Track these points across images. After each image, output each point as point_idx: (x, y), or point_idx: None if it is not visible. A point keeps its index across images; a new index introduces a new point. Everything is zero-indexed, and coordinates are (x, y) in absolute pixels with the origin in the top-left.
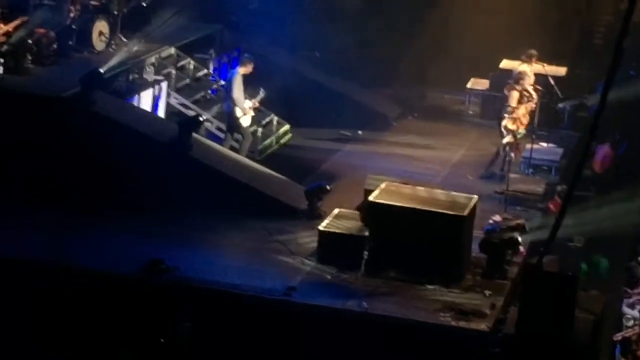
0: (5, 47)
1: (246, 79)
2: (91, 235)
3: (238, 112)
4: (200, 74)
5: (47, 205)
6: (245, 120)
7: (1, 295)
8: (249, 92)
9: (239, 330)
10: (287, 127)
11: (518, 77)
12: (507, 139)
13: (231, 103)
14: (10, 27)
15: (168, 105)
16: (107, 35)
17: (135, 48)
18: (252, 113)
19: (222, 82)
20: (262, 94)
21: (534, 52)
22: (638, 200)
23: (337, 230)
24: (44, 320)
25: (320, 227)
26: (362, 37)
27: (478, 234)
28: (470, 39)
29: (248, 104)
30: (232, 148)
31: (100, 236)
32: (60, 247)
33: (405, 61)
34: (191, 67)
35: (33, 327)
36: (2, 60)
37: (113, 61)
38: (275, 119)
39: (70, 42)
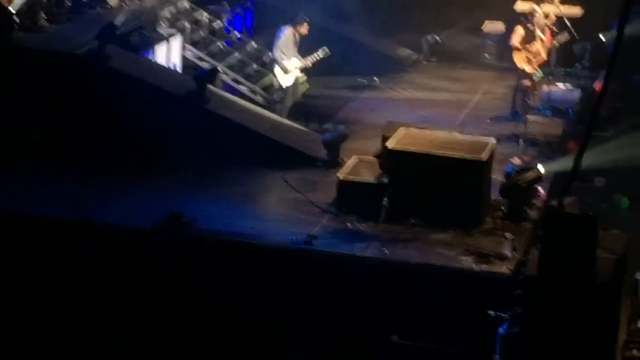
0: (19, 6)
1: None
2: (110, 192)
3: (277, 70)
4: (215, 26)
5: (64, 163)
6: (285, 80)
7: (24, 254)
8: (306, 51)
9: (260, 280)
10: (304, 77)
11: (530, 17)
12: (524, 81)
13: (272, 61)
14: None
15: (183, 58)
16: None
17: (148, 2)
18: (297, 73)
19: (237, 34)
20: (320, 53)
21: None
22: None
23: (356, 178)
24: (66, 278)
25: (339, 175)
26: None
27: (497, 177)
28: None
29: (295, 63)
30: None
31: (120, 192)
32: (80, 204)
33: (419, 5)
34: (205, 19)
35: (55, 285)
36: (17, 20)
37: (127, 16)
38: None
39: None
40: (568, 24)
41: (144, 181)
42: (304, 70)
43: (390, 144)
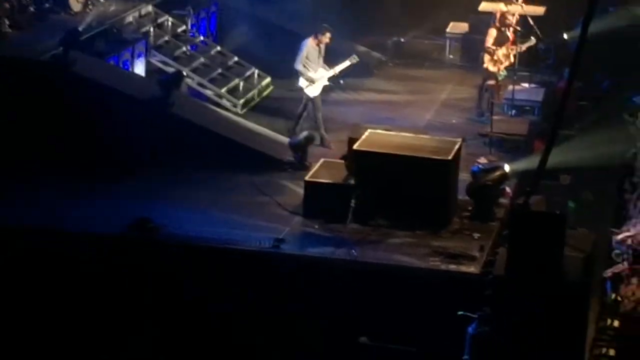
0: None
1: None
2: (77, 198)
3: (301, 82)
4: (179, 30)
5: (30, 170)
6: (310, 91)
7: None
8: (333, 60)
9: (229, 284)
10: (268, 79)
11: (500, 18)
12: (489, 81)
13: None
14: None
15: (148, 63)
16: None
17: (112, 7)
18: (324, 82)
19: (202, 38)
20: (348, 61)
21: None
22: (621, 136)
23: (323, 180)
24: (38, 285)
25: (306, 178)
26: None
27: (464, 177)
28: None
29: (322, 73)
30: None
31: (87, 198)
32: (47, 211)
33: (383, 8)
34: (169, 24)
35: (28, 292)
36: None
37: (91, 21)
38: (256, 71)
39: (46, 4)
40: (532, 23)
41: (111, 186)
42: (330, 79)
43: (356, 145)
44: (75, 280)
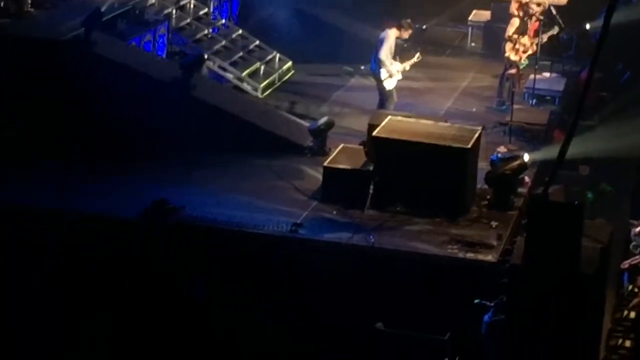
0: None
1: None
2: (96, 180)
3: (383, 74)
4: (201, 12)
5: (50, 151)
6: (389, 83)
7: (9, 244)
8: (404, 55)
9: (245, 267)
10: (289, 63)
11: (523, 7)
12: (510, 70)
13: (378, 64)
14: None
15: (170, 45)
16: None
17: None
18: (399, 77)
19: (223, 21)
20: (416, 58)
21: None
22: None
23: (342, 166)
24: (53, 267)
25: (325, 163)
26: None
27: (483, 165)
28: None
29: (397, 67)
30: None
31: (106, 180)
32: (66, 193)
33: None
34: (192, 6)
35: (41, 275)
36: (2, 6)
37: (113, 3)
38: (278, 55)
39: None
40: (554, 12)
41: (130, 168)
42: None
43: (376, 132)
44: (89, 261)
